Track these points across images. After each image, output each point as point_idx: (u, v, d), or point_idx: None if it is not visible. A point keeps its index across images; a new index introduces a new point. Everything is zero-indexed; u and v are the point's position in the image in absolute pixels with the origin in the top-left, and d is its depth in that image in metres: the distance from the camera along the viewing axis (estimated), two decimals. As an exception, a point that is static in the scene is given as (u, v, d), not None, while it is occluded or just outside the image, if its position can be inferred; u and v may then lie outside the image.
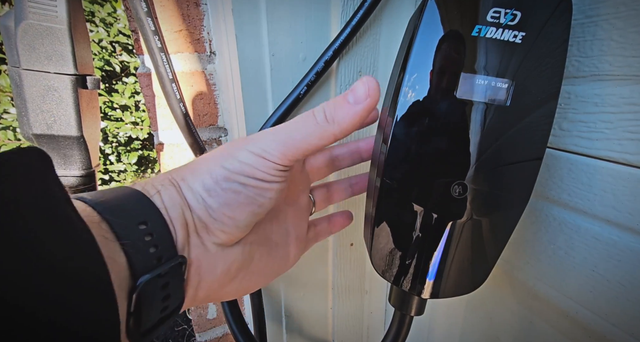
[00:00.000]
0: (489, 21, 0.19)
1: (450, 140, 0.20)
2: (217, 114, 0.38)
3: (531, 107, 0.20)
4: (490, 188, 0.21)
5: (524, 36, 0.19)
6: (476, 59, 0.19)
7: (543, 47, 0.19)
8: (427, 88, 0.20)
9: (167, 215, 0.18)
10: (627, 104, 0.20)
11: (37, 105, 0.25)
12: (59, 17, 0.24)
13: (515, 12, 0.19)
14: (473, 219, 0.21)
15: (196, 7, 0.33)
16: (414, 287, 0.23)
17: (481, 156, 0.20)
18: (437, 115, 0.20)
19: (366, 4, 0.29)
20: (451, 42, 0.20)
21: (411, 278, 0.23)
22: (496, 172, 0.21)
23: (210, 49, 0.36)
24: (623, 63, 0.20)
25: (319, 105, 0.21)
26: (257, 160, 0.20)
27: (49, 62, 0.25)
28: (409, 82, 0.20)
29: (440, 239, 0.22)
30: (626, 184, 0.20)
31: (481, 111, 0.20)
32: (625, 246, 0.21)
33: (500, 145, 0.20)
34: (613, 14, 0.20)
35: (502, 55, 0.19)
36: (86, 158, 0.28)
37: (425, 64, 0.20)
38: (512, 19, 0.19)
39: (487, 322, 0.31)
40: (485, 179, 0.21)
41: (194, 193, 0.19)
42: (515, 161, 0.21)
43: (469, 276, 0.23)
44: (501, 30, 0.19)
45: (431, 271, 0.22)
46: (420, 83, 0.20)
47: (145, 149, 1.77)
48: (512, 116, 0.20)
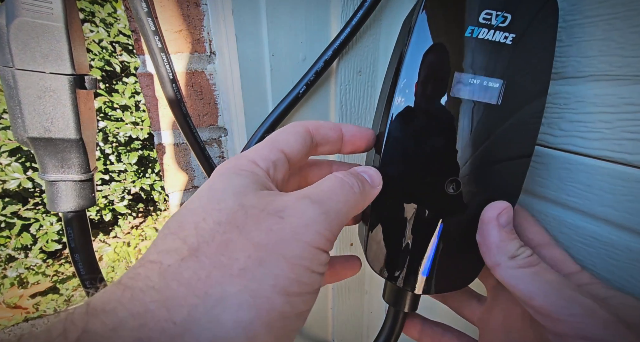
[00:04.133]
0: (482, 23, 0.20)
1: (443, 138, 0.21)
2: (217, 114, 0.38)
3: (521, 105, 0.21)
4: (482, 185, 0.22)
5: (514, 37, 0.20)
6: (469, 58, 0.20)
7: (531, 47, 0.20)
8: (421, 87, 0.21)
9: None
10: (626, 104, 0.20)
11: (33, 108, 0.24)
12: (55, 14, 0.23)
13: (505, 14, 0.20)
14: (465, 215, 0.22)
15: (196, 7, 0.33)
16: (408, 283, 0.23)
17: (473, 153, 0.21)
18: (430, 114, 0.21)
19: (366, 4, 0.29)
20: (445, 43, 0.20)
21: (405, 274, 0.23)
22: (488, 169, 0.21)
23: (210, 49, 0.36)
24: (622, 63, 0.20)
25: (346, 173, 0.19)
26: (314, 255, 0.15)
27: (45, 62, 0.24)
28: (403, 80, 0.21)
29: (433, 235, 0.22)
30: (625, 184, 0.20)
31: (473, 110, 0.21)
32: (624, 246, 0.21)
33: (492, 142, 0.21)
34: (612, 14, 0.20)
35: (494, 56, 0.20)
36: (85, 161, 0.27)
37: (419, 64, 0.21)
38: (503, 21, 0.20)
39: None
40: (478, 176, 0.21)
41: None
42: (506, 158, 0.21)
43: (461, 271, 0.23)
44: (492, 32, 0.20)
45: (424, 267, 0.23)
46: (414, 82, 0.21)
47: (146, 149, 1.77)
48: (503, 114, 0.21)
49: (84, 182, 0.28)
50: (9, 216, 1.42)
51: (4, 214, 1.40)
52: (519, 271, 0.18)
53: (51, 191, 0.27)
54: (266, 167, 0.18)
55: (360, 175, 0.20)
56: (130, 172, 1.74)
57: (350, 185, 0.18)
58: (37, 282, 1.51)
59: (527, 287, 0.18)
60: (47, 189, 0.27)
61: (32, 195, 1.49)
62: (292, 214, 0.15)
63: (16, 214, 1.45)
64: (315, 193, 0.17)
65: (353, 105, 0.35)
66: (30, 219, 1.48)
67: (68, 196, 0.27)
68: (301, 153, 0.20)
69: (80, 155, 0.27)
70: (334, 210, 0.16)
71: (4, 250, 1.46)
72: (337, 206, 0.17)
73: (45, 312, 1.35)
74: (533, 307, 0.18)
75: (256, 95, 0.32)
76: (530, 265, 0.19)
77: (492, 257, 0.20)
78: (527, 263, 0.19)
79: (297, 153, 0.20)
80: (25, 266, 1.53)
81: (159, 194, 1.90)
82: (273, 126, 0.31)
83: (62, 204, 0.27)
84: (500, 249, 0.19)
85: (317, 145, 0.21)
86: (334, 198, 0.17)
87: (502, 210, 0.20)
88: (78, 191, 0.27)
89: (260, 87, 0.31)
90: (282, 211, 0.15)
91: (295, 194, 0.16)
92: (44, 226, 1.51)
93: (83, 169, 0.27)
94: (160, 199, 1.94)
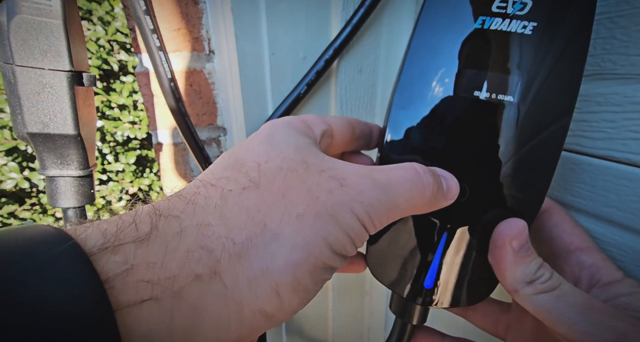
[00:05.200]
0: (495, 12, 0.18)
1: (448, 140, 0.19)
2: (216, 113, 0.38)
3: (544, 107, 0.18)
4: (494, 194, 0.19)
5: (535, 27, 0.17)
6: (479, 53, 0.18)
7: (559, 38, 0.17)
8: (426, 85, 0.19)
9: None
10: (631, 103, 0.20)
11: (32, 103, 0.24)
12: (54, 12, 0.23)
13: (525, 0, 0.17)
14: (473, 226, 0.20)
15: (195, 5, 0.33)
16: (411, 294, 0.21)
17: (483, 158, 0.19)
18: (434, 113, 0.19)
19: (367, 3, 0.29)
20: (452, 35, 0.18)
21: (408, 284, 0.21)
22: (502, 177, 0.19)
23: (209, 47, 0.35)
24: (626, 62, 0.20)
25: (427, 169, 0.17)
26: (359, 232, 0.15)
27: (44, 58, 0.24)
28: (407, 78, 0.20)
29: (439, 244, 0.20)
30: (629, 184, 0.20)
31: (484, 109, 0.18)
32: (628, 247, 0.21)
33: (506, 148, 0.18)
34: (616, 12, 0.20)
35: (510, 49, 0.18)
36: (83, 157, 0.27)
37: (424, 60, 0.19)
38: (522, 8, 0.17)
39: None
40: (490, 183, 0.19)
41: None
42: (524, 167, 0.18)
43: (471, 286, 0.21)
44: (508, 21, 0.18)
45: (429, 278, 0.20)
46: (418, 80, 0.19)
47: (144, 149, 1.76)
48: (520, 116, 0.18)
49: (82, 178, 0.28)
50: (5, 216, 1.41)
51: (1, 215, 1.39)
52: (540, 296, 0.17)
53: (51, 187, 0.27)
54: (318, 133, 0.18)
55: (439, 178, 0.17)
56: (128, 172, 1.73)
57: (425, 184, 0.16)
58: (34, 283, 1.50)
59: (549, 314, 0.16)
60: (47, 185, 0.27)
61: (29, 195, 1.48)
62: (351, 187, 0.15)
63: (13, 215, 1.44)
64: (382, 177, 0.16)
65: (354, 105, 0.35)
66: (27, 219, 1.47)
67: (67, 192, 0.27)
68: (345, 137, 0.20)
69: (78, 152, 0.27)
70: (391, 202, 0.15)
71: (1, 250, 1.45)
72: (398, 199, 0.15)
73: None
74: (559, 334, 0.17)
75: (256, 94, 0.31)
76: (551, 289, 0.17)
77: (508, 282, 0.18)
78: (547, 287, 0.17)
79: (342, 135, 0.20)
80: (22, 266, 1.52)
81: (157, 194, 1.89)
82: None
83: (62, 200, 0.27)
84: (515, 274, 0.17)
85: (356, 138, 0.21)
86: (399, 190, 0.16)
87: (516, 233, 0.17)
88: (77, 187, 0.27)
89: (259, 86, 0.31)
90: (343, 179, 0.15)
91: (358, 169, 0.16)
92: (41, 226, 1.50)
93: (82, 165, 0.27)
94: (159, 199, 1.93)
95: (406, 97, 0.20)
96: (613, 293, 0.18)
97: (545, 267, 0.18)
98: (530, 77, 0.18)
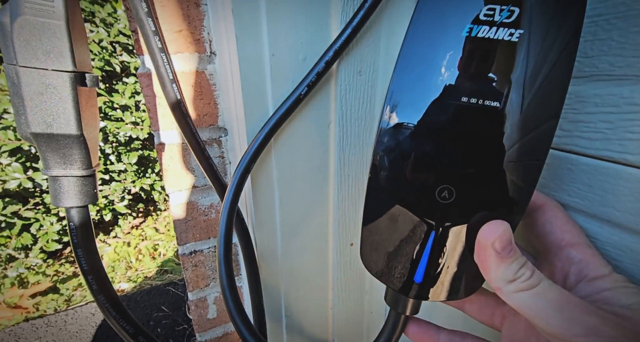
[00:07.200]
0: (482, 20, 0.18)
1: (436, 143, 0.20)
2: (217, 114, 0.38)
3: (530, 112, 0.18)
4: (478, 194, 0.20)
5: (522, 34, 0.18)
6: (466, 60, 0.19)
7: (545, 44, 0.18)
8: (415, 90, 0.20)
9: None
10: (628, 104, 0.20)
11: (36, 104, 0.24)
12: (56, 13, 0.23)
13: (512, 8, 0.18)
14: (460, 226, 0.21)
15: (196, 7, 0.33)
16: (402, 288, 0.23)
17: (469, 161, 0.20)
18: (425, 118, 0.20)
19: (367, 5, 0.29)
20: (440, 43, 0.19)
21: (399, 278, 0.23)
22: (484, 178, 0.20)
23: (210, 49, 0.36)
24: (623, 63, 0.20)
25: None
26: None
27: (47, 59, 0.24)
28: (398, 83, 0.20)
29: (427, 242, 0.21)
30: (627, 184, 0.20)
31: (471, 114, 0.19)
32: (625, 247, 0.21)
33: (492, 151, 0.19)
34: (613, 14, 0.20)
35: (496, 56, 0.18)
36: (86, 157, 0.27)
37: (413, 68, 0.20)
38: (509, 15, 0.18)
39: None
40: (474, 184, 0.20)
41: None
42: (510, 168, 0.19)
43: (458, 281, 0.22)
44: (495, 29, 0.18)
45: (418, 273, 0.22)
46: (407, 85, 0.20)
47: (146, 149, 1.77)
48: (506, 120, 0.19)
49: (85, 178, 0.28)
50: (9, 215, 1.42)
51: (5, 214, 1.40)
52: (520, 294, 0.18)
53: (54, 187, 0.27)
54: None
55: None
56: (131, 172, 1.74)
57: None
58: (38, 282, 1.51)
59: (529, 310, 0.18)
60: (50, 184, 0.27)
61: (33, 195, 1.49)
62: None
63: (16, 214, 1.45)
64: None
65: (353, 106, 0.35)
66: (31, 219, 1.48)
67: (70, 192, 0.27)
68: None
69: (81, 151, 0.27)
70: None
71: (5, 250, 1.46)
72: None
73: (45, 312, 1.35)
74: (538, 328, 0.18)
75: (256, 95, 0.31)
76: (530, 287, 0.18)
77: (492, 281, 0.19)
78: (527, 286, 0.18)
79: None
80: (26, 265, 1.53)
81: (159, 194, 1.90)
82: (274, 129, 0.31)
83: (65, 200, 0.27)
84: (497, 274, 0.19)
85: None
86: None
87: (498, 236, 0.19)
88: (80, 186, 0.28)
89: (260, 87, 0.31)
90: None
91: None
92: (45, 225, 1.51)
93: (84, 165, 0.28)
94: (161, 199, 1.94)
95: (396, 104, 0.21)
96: (597, 288, 0.19)
97: (527, 266, 0.19)
98: (517, 84, 0.18)
